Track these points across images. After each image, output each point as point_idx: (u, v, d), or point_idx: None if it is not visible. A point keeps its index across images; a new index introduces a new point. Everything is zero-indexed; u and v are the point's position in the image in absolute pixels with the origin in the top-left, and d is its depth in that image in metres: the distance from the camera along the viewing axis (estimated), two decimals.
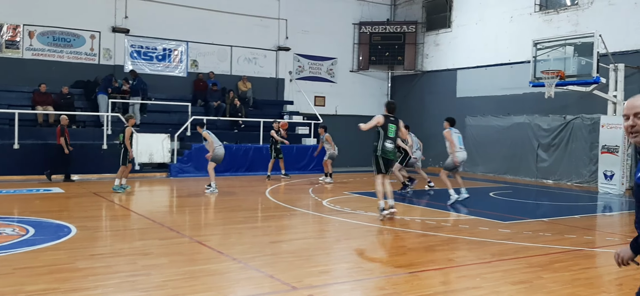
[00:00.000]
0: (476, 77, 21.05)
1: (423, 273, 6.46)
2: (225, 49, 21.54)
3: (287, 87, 22.81)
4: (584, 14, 17.43)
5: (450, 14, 22.35)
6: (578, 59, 14.77)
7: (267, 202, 12.44)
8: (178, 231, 8.70)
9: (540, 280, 6.33)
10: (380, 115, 9.96)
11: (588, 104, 16.62)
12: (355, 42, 24.07)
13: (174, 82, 20.45)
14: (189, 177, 17.39)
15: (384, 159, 9.89)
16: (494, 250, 7.92)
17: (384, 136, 9.85)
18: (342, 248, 8.00)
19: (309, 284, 5.90)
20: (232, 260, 6.83)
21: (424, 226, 9.50)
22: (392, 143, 9.89)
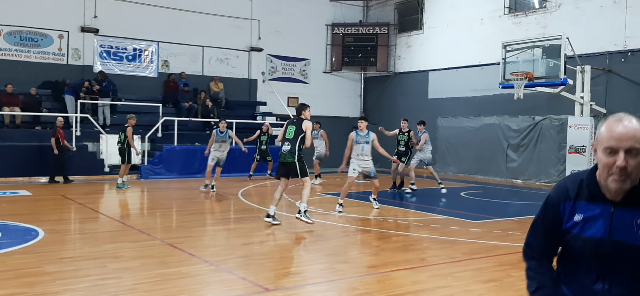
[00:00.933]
0: (447, 78, 21.30)
1: (395, 272, 6.50)
2: (197, 50, 21.36)
3: (260, 87, 22.73)
4: (552, 16, 17.79)
5: (421, 16, 22.57)
6: (546, 61, 15.06)
7: (240, 203, 12.37)
8: (149, 234, 8.59)
9: (510, 278, 6.44)
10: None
11: (556, 105, 16.96)
12: (328, 43, 24.12)
13: (145, 82, 20.19)
14: (160, 178, 17.18)
15: (281, 162, 9.28)
16: (464, 249, 8.02)
17: (282, 138, 9.42)
18: (315, 249, 8.00)
19: (281, 285, 5.89)
20: (204, 263, 6.77)
21: (397, 227, 9.57)
22: (288, 145, 9.21)
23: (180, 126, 18.45)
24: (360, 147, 11.01)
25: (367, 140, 11.03)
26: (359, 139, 11.09)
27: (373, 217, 10.64)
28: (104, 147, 16.71)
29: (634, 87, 15.77)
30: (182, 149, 18.07)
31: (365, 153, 11.07)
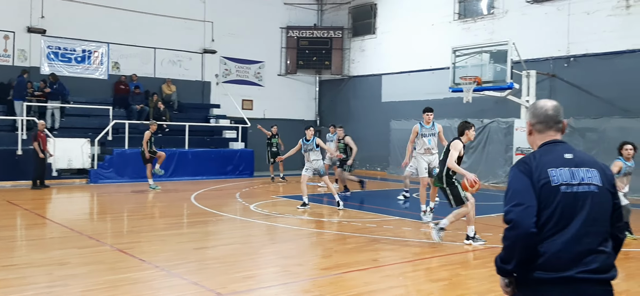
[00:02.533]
0: (400, 82, 21.65)
1: (348, 274, 6.59)
2: (149, 51, 20.98)
3: (213, 90, 22.52)
4: (499, 22, 18.34)
5: (374, 20, 22.86)
6: (494, 66, 15.51)
7: (193, 207, 12.23)
8: (98, 239, 8.40)
9: (459, 276, 6.63)
10: None
11: (503, 109, 17.49)
12: (283, 46, 24.13)
13: (94, 84, 19.68)
14: (110, 182, 16.80)
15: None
16: (416, 249, 8.19)
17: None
18: (268, 252, 8.01)
19: (234, 290, 5.88)
20: (155, 268, 6.68)
21: (351, 228, 9.67)
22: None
23: (131, 129, 18.09)
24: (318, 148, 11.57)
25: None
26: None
27: (327, 220, 10.72)
28: (52, 150, 16.21)
29: (576, 91, 16.43)
30: (133, 152, 17.70)
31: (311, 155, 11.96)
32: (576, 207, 2.59)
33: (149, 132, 15.39)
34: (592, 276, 2.54)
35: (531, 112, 2.94)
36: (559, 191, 2.60)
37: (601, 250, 2.58)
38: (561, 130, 2.89)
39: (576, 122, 16.40)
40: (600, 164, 2.77)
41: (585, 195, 2.61)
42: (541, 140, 2.87)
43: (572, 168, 2.67)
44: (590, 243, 2.57)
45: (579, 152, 2.80)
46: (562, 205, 2.58)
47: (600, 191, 2.65)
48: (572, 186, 2.62)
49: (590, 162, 2.74)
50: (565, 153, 2.73)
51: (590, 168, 2.69)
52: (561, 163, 2.68)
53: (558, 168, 2.66)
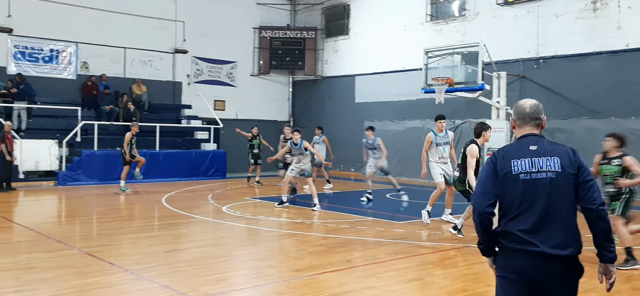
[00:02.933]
0: (373, 83, 21.74)
1: (321, 275, 6.56)
2: (119, 51, 20.63)
3: (185, 90, 22.26)
4: (470, 24, 18.56)
5: (348, 21, 22.91)
6: (465, 67, 15.66)
7: (164, 209, 12.06)
8: (66, 243, 8.21)
9: (432, 276, 6.66)
10: None
11: (474, 110, 17.69)
12: (256, 47, 23.99)
13: (63, 85, 19.26)
14: (78, 185, 16.46)
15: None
16: (389, 249, 8.21)
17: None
18: (241, 254, 7.93)
19: (206, 293, 5.79)
20: (124, 272, 6.55)
21: (324, 229, 9.65)
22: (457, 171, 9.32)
23: (100, 130, 17.76)
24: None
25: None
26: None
27: (300, 221, 10.68)
28: (19, 152, 15.82)
29: (545, 92, 16.71)
30: (102, 154, 17.41)
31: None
32: (536, 192, 3.02)
33: (130, 134, 15.23)
34: (548, 251, 2.95)
35: (514, 110, 3.38)
36: (518, 178, 3.06)
37: (558, 228, 2.99)
38: (540, 125, 3.29)
39: (546, 123, 16.67)
40: (565, 151, 3.13)
41: (543, 181, 3.03)
42: (519, 134, 3.29)
43: (533, 158, 3.09)
44: (549, 222, 2.99)
45: (546, 143, 3.17)
46: (523, 190, 3.03)
47: (558, 176, 3.03)
48: (530, 173, 3.05)
49: (554, 151, 3.11)
50: (530, 146, 3.14)
51: (551, 157, 3.08)
52: (524, 154, 3.11)
53: (520, 159, 3.10)
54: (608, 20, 15.39)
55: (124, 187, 15.09)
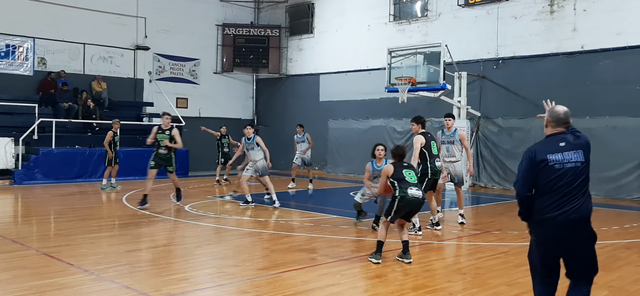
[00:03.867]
0: (337, 81, 21.84)
1: (286, 273, 6.56)
2: (78, 47, 20.13)
3: (146, 87, 21.90)
4: (432, 25, 18.84)
5: (312, 20, 22.94)
6: (427, 67, 15.91)
7: (125, 208, 11.84)
8: (22, 243, 7.98)
9: (395, 273, 6.73)
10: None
11: (436, 109, 17.94)
12: (219, 44, 23.79)
13: (19, 81, 18.69)
14: (36, 184, 16.01)
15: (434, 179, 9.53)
16: (352, 247, 8.27)
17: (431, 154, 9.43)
18: (203, 253, 7.85)
19: (168, 292, 5.72)
20: (83, 272, 6.41)
21: (288, 227, 9.64)
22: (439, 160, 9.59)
23: (58, 128, 17.31)
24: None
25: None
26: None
27: (263, 219, 10.65)
28: None
29: (504, 92, 17.11)
30: (60, 152, 16.98)
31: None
32: (567, 178, 4.11)
33: (111, 132, 15.16)
34: (571, 218, 4.10)
35: (549, 114, 4.34)
36: (553, 167, 4.13)
37: (579, 201, 4.11)
38: (567, 125, 4.28)
39: (504, 122, 17.08)
40: (586, 144, 4.21)
41: (571, 169, 4.13)
42: (550, 132, 4.31)
43: (563, 152, 4.16)
44: (572, 198, 4.10)
45: (572, 139, 4.20)
46: (557, 178, 4.11)
47: (582, 165, 4.15)
48: (562, 164, 4.13)
49: (578, 145, 4.19)
50: (560, 142, 4.20)
51: (576, 150, 4.17)
52: (556, 150, 4.18)
53: (553, 153, 4.17)
54: (564, 23, 15.86)
55: (105, 185, 15.02)
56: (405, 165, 7.67)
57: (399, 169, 7.52)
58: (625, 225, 10.56)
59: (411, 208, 7.38)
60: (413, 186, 7.39)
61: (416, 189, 7.39)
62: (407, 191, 7.31)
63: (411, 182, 7.41)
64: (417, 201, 7.34)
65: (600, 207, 13.15)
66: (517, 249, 8.18)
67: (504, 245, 8.43)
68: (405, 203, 7.28)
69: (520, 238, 9.08)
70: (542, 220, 4.18)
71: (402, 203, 7.28)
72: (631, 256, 7.79)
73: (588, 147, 4.20)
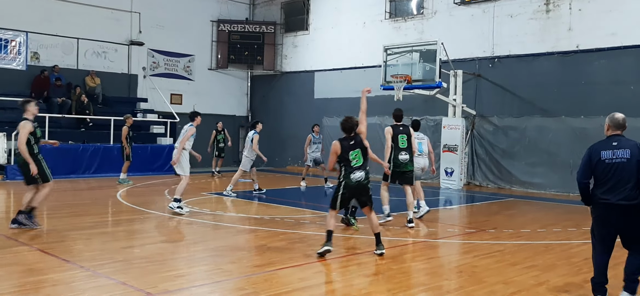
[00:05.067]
0: (332, 79, 21.80)
1: (282, 270, 6.53)
2: (72, 42, 20.00)
3: (140, 83, 21.79)
4: (428, 23, 18.83)
5: (307, 16, 22.89)
6: (423, 65, 15.91)
7: (119, 205, 11.78)
8: (16, 239, 7.91)
9: (390, 271, 6.72)
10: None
11: (431, 107, 17.98)
12: (214, 40, 23.70)
13: (11, 75, 18.54)
14: None
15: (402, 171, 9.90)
16: (348, 244, 8.26)
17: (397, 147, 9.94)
18: (199, 250, 7.82)
19: (164, 289, 5.68)
20: (79, 268, 6.36)
21: (284, 225, 9.61)
22: (407, 154, 9.90)
23: (51, 123, 17.18)
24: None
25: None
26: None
27: (259, 216, 10.62)
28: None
29: (500, 91, 17.13)
30: (53, 148, 16.78)
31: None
32: (615, 170, 5.26)
33: (126, 127, 15.59)
34: (619, 202, 5.24)
35: (609, 119, 5.47)
36: (605, 162, 5.31)
37: (626, 189, 5.22)
38: (623, 129, 5.42)
39: (500, 121, 17.11)
40: (635, 145, 5.29)
41: (620, 164, 5.26)
42: (610, 134, 5.44)
43: (614, 150, 5.31)
44: (621, 187, 5.23)
45: (623, 140, 5.33)
46: (607, 170, 5.28)
47: (628, 161, 5.24)
48: (612, 159, 5.28)
49: (626, 145, 5.30)
50: (613, 142, 5.35)
51: (624, 149, 5.27)
52: (609, 147, 5.34)
53: (606, 150, 5.34)
54: (560, 22, 15.89)
55: (124, 178, 15.53)
56: (353, 144, 7.26)
57: (346, 149, 7.17)
58: None
59: (356, 193, 7.20)
60: (357, 169, 7.13)
61: (360, 172, 7.14)
62: (350, 176, 7.09)
63: (356, 166, 7.14)
64: (360, 185, 7.13)
65: None
66: (513, 247, 8.20)
67: (499, 244, 8.44)
68: (348, 189, 7.12)
69: (516, 236, 9.11)
70: (599, 203, 5.36)
71: (345, 189, 7.14)
72: (625, 256, 7.79)
73: (636, 147, 5.26)
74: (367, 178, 7.25)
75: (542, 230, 9.73)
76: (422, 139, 11.19)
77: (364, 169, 7.22)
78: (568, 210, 12.53)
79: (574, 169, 15.46)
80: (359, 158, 7.18)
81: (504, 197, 14.92)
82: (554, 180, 15.86)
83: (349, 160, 7.10)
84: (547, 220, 10.93)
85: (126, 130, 15.57)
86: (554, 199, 14.63)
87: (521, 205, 13.50)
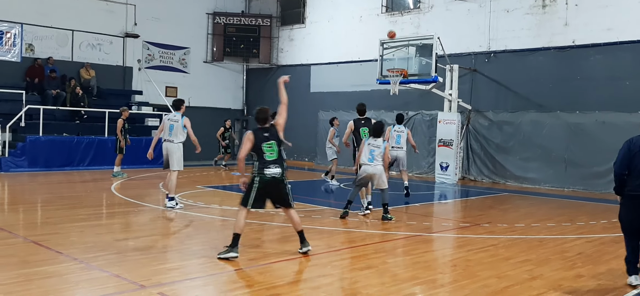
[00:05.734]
0: (328, 73, 21.76)
1: (276, 264, 6.53)
2: (66, 33, 19.89)
3: (135, 76, 21.70)
4: (425, 17, 18.81)
5: (303, 10, 22.83)
6: (419, 59, 15.90)
7: (113, 197, 11.75)
8: (10, 231, 7.88)
9: (385, 264, 6.73)
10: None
11: (427, 101, 17.99)
12: (209, 33, 23.61)
13: (6, 67, 18.43)
14: (22, 171, 15.84)
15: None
16: (343, 238, 8.27)
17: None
18: (193, 243, 7.81)
19: (158, 282, 5.67)
20: (72, 260, 6.34)
21: (279, 218, 9.60)
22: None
23: (46, 115, 17.11)
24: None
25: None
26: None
27: (254, 210, 10.59)
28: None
29: (495, 85, 17.15)
30: (47, 140, 16.79)
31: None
32: None
33: (122, 120, 15.43)
34: None
35: None
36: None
37: None
38: None
39: (495, 116, 17.13)
40: None
41: None
42: None
43: None
44: None
45: None
46: None
47: None
48: None
49: None
50: None
51: None
52: None
53: None
54: (556, 17, 15.90)
55: (118, 171, 15.19)
56: (267, 136, 6.73)
57: (260, 139, 6.67)
58: (613, 219, 10.62)
59: (271, 190, 6.65)
60: (273, 163, 6.61)
61: (275, 166, 6.63)
62: (265, 170, 6.58)
63: (270, 159, 6.62)
64: (275, 181, 6.61)
65: (589, 201, 13.27)
66: (506, 242, 8.22)
67: (493, 238, 8.46)
68: (263, 184, 6.59)
69: (509, 231, 9.13)
70: (631, 195, 5.72)
71: (260, 185, 6.60)
72: (619, 250, 7.83)
73: None
74: (283, 174, 6.74)
75: (536, 224, 9.76)
76: (402, 132, 12.42)
77: (281, 164, 6.71)
78: (562, 205, 12.57)
79: (568, 164, 15.54)
80: (275, 151, 6.66)
81: (499, 192, 14.95)
82: (548, 175, 15.91)
83: (263, 153, 6.59)
84: (541, 214, 10.96)
85: (121, 123, 15.46)
86: (548, 194, 14.67)
87: (515, 200, 13.54)
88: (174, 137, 10.21)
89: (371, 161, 9.55)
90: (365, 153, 9.60)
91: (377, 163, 9.53)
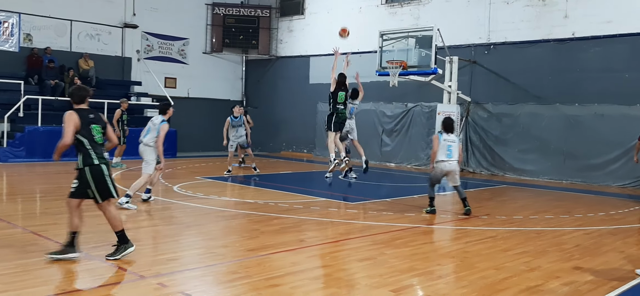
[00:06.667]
0: (328, 64, 21.59)
1: (275, 255, 6.55)
2: (65, 23, 19.82)
3: (134, 66, 21.65)
4: (424, 8, 18.76)
5: (303, 1, 22.75)
6: (419, 51, 15.87)
7: None
8: (9, 221, 7.90)
9: (383, 256, 6.75)
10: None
11: (426, 93, 17.97)
12: (209, 23, 23.54)
13: (4, 57, 18.37)
14: (21, 162, 15.83)
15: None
16: (341, 229, 8.29)
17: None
18: (192, 234, 7.82)
19: (157, 272, 5.69)
20: None
21: (277, 209, 9.62)
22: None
23: (44, 105, 17.09)
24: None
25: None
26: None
27: (252, 201, 10.62)
28: None
29: (495, 77, 17.14)
30: (46, 130, 16.76)
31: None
32: None
33: (120, 110, 15.38)
34: None
35: None
36: None
37: None
38: None
39: (494, 107, 17.13)
40: None
41: None
42: None
43: None
44: None
45: None
46: None
47: None
48: None
49: None
50: None
51: None
52: None
53: None
54: (555, 9, 15.87)
55: (117, 162, 15.23)
56: (93, 118, 6.09)
57: (87, 121, 5.99)
58: (610, 211, 10.68)
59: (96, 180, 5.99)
60: (102, 146, 6.04)
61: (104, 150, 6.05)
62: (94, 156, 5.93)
63: (100, 143, 6.02)
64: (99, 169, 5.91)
65: (586, 193, 13.30)
66: (505, 233, 8.25)
67: (491, 230, 8.49)
68: (94, 174, 5.94)
69: (508, 222, 9.16)
70: None
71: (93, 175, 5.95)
72: (616, 242, 7.87)
73: None
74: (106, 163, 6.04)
75: (534, 216, 9.79)
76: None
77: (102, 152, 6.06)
78: (560, 197, 12.60)
79: (567, 157, 15.56)
80: (100, 136, 6.02)
81: (497, 184, 14.98)
82: (546, 167, 15.94)
83: (92, 136, 5.90)
84: (539, 206, 11.00)
85: (119, 113, 15.40)
86: (547, 186, 14.71)
87: (514, 192, 13.57)
88: (149, 140, 10.02)
89: (449, 156, 9.56)
90: (442, 150, 9.54)
91: (453, 159, 9.57)
